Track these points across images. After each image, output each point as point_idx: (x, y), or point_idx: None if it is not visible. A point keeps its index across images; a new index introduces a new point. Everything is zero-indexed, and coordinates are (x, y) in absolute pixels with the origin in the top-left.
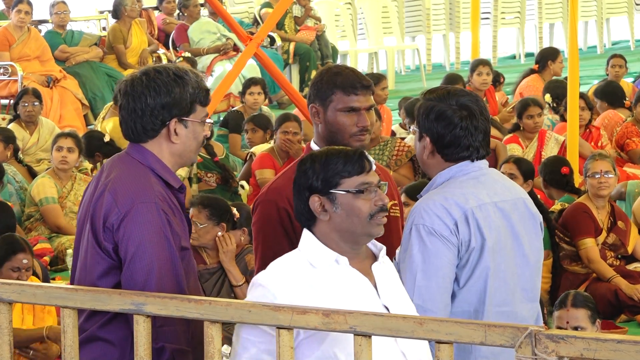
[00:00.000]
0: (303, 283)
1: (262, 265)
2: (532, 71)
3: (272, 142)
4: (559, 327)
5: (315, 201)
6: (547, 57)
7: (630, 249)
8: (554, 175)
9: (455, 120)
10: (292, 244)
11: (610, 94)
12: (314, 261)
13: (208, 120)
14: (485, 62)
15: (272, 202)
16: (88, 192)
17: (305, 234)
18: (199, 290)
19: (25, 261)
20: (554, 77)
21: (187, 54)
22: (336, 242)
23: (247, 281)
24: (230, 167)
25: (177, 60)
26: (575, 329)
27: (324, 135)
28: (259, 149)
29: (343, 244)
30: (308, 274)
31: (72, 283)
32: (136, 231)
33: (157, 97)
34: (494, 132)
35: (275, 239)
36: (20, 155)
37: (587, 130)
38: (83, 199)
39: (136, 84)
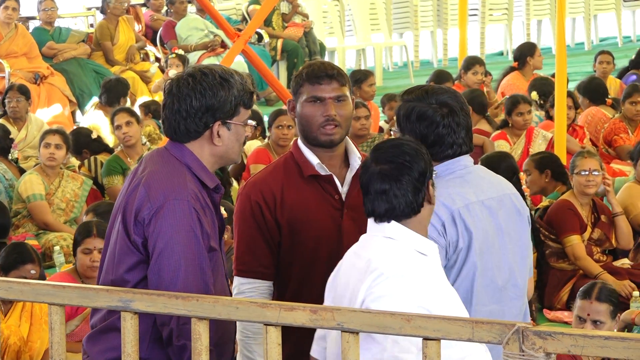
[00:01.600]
0: (425, 269)
1: (238, 255)
2: (512, 69)
3: (262, 138)
4: (579, 317)
5: (430, 185)
6: (525, 53)
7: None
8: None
9: (436, 119)
10: (265, 236)
11: (593, 91)
12: (422, 249)
13: (251, 122)
14: (481, 62)
15: (247, 195)
16: (125, 184)
17: (395, 225)
18: (225, 291)
19: (32, 272)
20: (540, 75)
21: (180, 51)
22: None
23: None
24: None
25: (169, 57)
26: (595, 322)
27: (300, 129)
28: (250, 145)
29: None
30: (423, 262)
31: (99, 274)
32: (166, 228)
33: (203, 99)
34: (486, 126)
35: (249, 230)
36: (14, 153)
37: (571, 128)
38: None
39: (182, 85)
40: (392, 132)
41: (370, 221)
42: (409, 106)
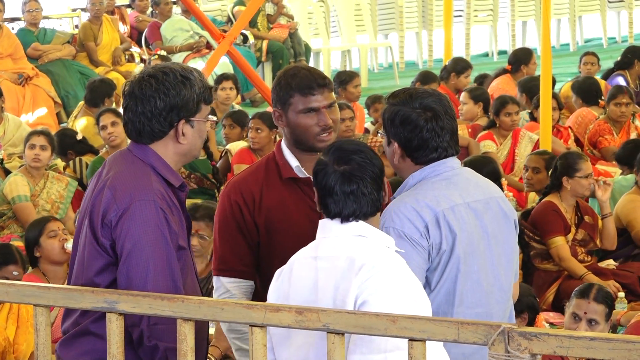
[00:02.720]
0: (397, 261)
1: (218, 255)
2: (504, 71)
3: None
4: (574, 314)
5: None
6: (521, 60)
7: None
8: None
9: (420, 123)
10: (245, 236)
11: (586, 91)
12: (387, 244)
13: (211, 117)
14: (471, 66)
15: (227, 195)
16: (89, 188)
17: (361, 224)
18: (196, 289)
19: (15, 273)
20: (528, 76)
21: (163, 52)
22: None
23: None
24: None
25: (152, 58)
26: (590, 322)
27: (289, 137)
28: (234, 146)
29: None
30: (392, 254)
31: (69, 278)
32: (133, 229)
33: (167, 99)
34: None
35: (229, 230)
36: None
37: (555, 129)
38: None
39: (145, 87)
40: (379, 134)
41: (331, 223)
42: (394, 110)
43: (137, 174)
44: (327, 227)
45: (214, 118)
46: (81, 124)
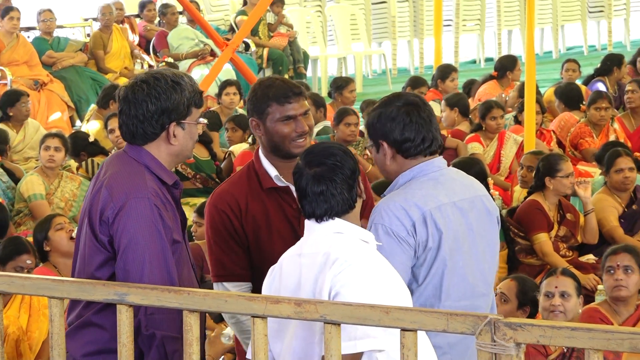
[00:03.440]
0: (373, 255)
1: (215, 263)
2: (491, 77)
3: (249, 141)
4: (547, 293)
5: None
6: (506, 67)
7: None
8: None
9: (404, 117)
10: (236, 241)
11: (568, 96)
12: (365, 238)
13: (202, 120)
14: (455, 69)
15: (214, 205)
16: (89, 189)
17: (338, 221)
18: (192, 281)
19: (28, 262)
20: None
21: (170, 60)
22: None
23: None
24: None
25: (159, 65)
26: (563, 294)
27: (266, 144)
28: (237, 148)
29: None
30: (369, 249)
31: (72, 273)
32: (130, 225)
33: (158, 103)
34: (465, 127)
35: (221, 238)
36: (6, 156)
37: (538, 132)
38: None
39: (137, 91)
40: (367, 150)
41: (312, 222)
42: (376, 113)
43: (131, 173)
44: (310, 227)
45: (205, 121)
46: (93, 126)
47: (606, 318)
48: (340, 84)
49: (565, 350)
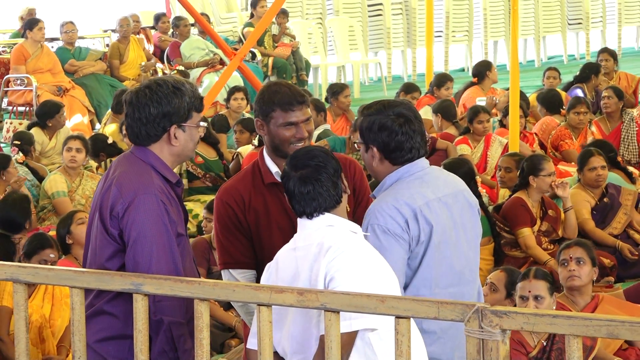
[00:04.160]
0: (362, 244)
1: (222, 252)
2: (472, 84)
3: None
4: (522, 296)
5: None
6: (484, 69)
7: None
8: None
9: (395, 128)
10: (242, 232)
11: (549, 101)
12: (353, 229)
13: (202, 124)
14: (452, 79)
15: (220, 199)
16: (99, 186)
17: (327, 215)
18: (194, 271)
19: (52, 255)
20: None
21: (181, 68)
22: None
23: None
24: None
25: (172, 73)
26: (536, 297)
27: (269, 144)
28: (244, 149)
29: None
30: (358, 238)
31: (84, 265)
32: (138, 219)
33: (159, 107)
34: (453, 131)
35: (227, 228)
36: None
37: (522, 134)
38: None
39: (140, 96)
40: (355, 145)
41: (304, 220)
42: (370, 119)
43: (139, 172)
44: (303, 224)
45: (205, 124)
46: (111, 129)
47: (566, 308)
48: (336, 90)
49: (545, 344)
